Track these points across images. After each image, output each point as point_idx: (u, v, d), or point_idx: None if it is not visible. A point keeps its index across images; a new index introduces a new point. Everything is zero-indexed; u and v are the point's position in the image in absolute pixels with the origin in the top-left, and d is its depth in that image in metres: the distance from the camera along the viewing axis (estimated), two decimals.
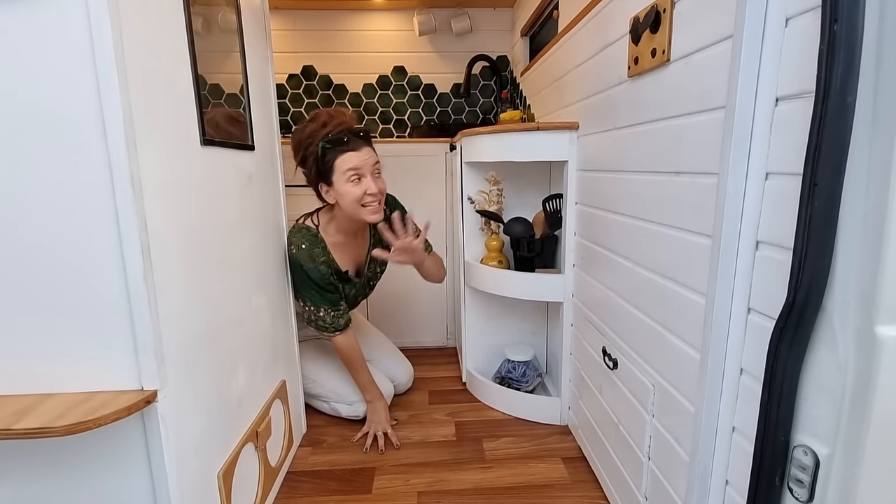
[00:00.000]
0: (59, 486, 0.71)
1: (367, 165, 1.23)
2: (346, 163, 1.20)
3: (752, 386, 0.60)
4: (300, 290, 1.29)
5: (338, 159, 1.21)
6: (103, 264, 0.64)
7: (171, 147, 0.73)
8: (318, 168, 1.23)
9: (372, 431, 1.34)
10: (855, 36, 0.44)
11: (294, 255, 1.25)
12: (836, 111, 0.45)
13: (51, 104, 0.60)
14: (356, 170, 1.21)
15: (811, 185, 0.47)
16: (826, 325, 0.49)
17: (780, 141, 0.54)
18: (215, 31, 0.91)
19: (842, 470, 0.49)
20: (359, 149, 1.22)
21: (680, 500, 0.76)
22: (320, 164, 1.22)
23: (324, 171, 1.23)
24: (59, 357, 0.67)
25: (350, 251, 1.38)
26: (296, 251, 1.25)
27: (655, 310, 0.83)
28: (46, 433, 0.59)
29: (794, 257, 0.49)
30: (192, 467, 0.76)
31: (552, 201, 1.39)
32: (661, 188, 0.80)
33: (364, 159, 1.22)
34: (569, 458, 1.25)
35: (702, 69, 0.68)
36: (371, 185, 1.23)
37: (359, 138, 1.23)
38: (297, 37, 2.18)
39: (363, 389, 1.39)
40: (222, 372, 0.88)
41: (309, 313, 1.31)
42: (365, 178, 1.23)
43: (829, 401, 0.49)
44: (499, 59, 2.24)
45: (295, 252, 1.25)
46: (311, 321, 1.32)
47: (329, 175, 1.23)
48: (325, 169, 1.23)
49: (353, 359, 1.36)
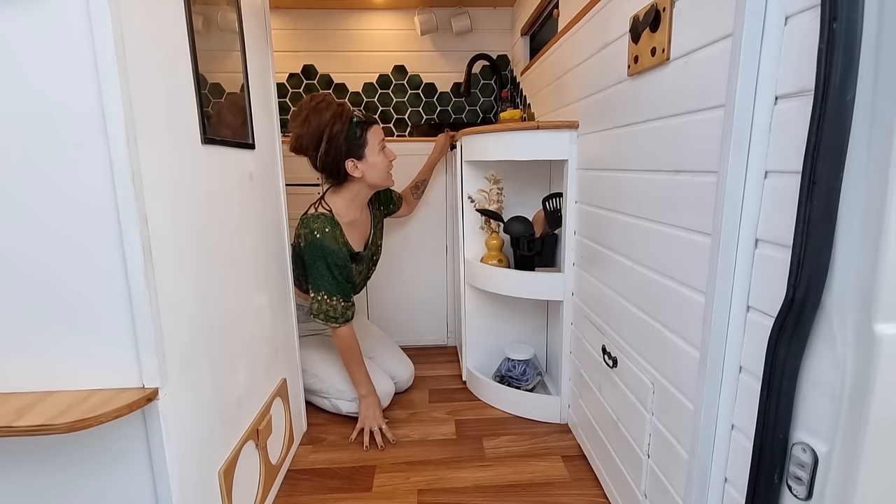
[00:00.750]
0: (61, 483, 0.72)
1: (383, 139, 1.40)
2: (377, 134, 1.36)
3: (751, 384, 0.60)
4: (318, 278, 1.31)
5: (369, 132, 1.35)
6: (104, 262, 0.64)
7: (171, 145, 0.73)
8: (349, 144, 1.32)
9: (367, 427, 1.34)
10: (854, 34, 0.44)
11: (318, 240, 1.30)
12: (835, 109, 0.45)
13: (52, 101, 0.61)
14: (383, 140, 1.39)
15: (810, 184, 0.47)
16: (825, 322, 0.49)
17: (780, 139, 0.54)
18: (216, 30, 0.91)
19: (840, 467, 0.49)
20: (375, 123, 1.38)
21: (679, 497, 0.76)
22: (352, 139, 1.33)
23: (355, 146, 1.33)
24: (61, 355, 0.67)
25: (359, 228, 1.46)
26: (320, 236, 1.30)
27: (655, 308, 0.83)
28: (48, 430, 0.59)
29: (792, 255, 0.50)
30: (192, 465, 0.77)
31: (552, 200, 1.39)
32: (660, 187, 0.81)
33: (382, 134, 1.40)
34: (568, 456, 1.25)
35: (701, 68, 0.68)
36: (392, 153, 1.42)
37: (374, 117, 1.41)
38: (298, 36, 2.18)
39: (359, 384, 1.39)
40: (223, 370, 0.89)
41: (320, 303, 1.32)
42: (387, 147, 1.40)
43: (827, 398, 0.49)
44: (499, 58, 2.24)
45: (319, 237, 1.30)
46: (320, 312, 1.33)
47: (361, 149, 1.34)
48: (356, 144, 1.33)
49: (354, 351, 1.38)
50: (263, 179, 1.13)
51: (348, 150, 1.32)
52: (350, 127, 1.31)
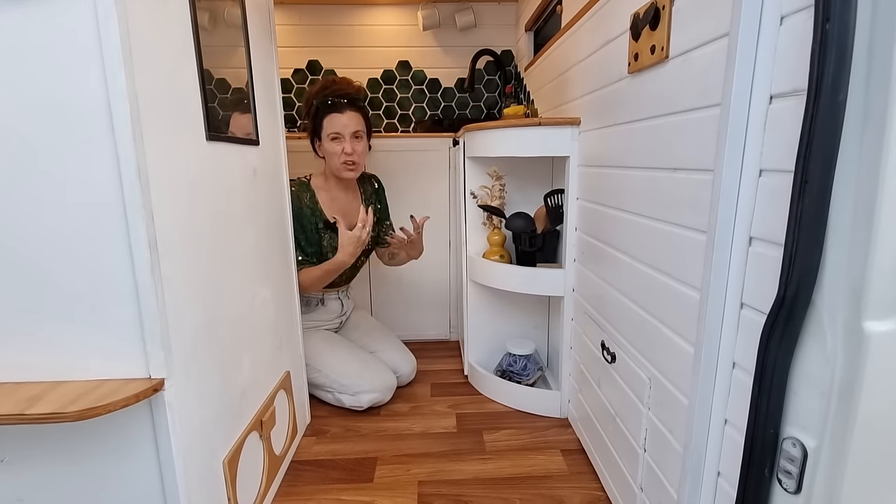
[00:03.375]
0: (70, 470, 0.74)
1: (347, 129, 1.40)
2: (331, 124, 1.41)
3: (744, 379, 0.61)
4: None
5: (325, 119, 1.41)
6: (112, 256, 0.66)
7: (177, 141, 0.75)
8: (313, 124, 1.45)
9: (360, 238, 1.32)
10: (847, 35, 0.44)
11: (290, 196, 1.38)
12: (827, 109, 0.46)
13: (60, 97, 0.62)
14: (337, 132, 1.40)
15: (802, 182, 0.48)
16: (815, 320, 0.50)
17: (774, 138, 0.55)
18: (221, 26, 0.92)
19: (829, 462, 0.50)
20: (343, 111, 1.40)
21: (674, 490, 0.77)
22: (314, 121, 1.44)
23: (315, 127, 1.45)
24: (71, 346, 0.69)
25: (340, 203, 1.54)
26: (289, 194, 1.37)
27: (652, 304, 0.84)
28: (58, 418, 0.61)
29: (784, 253, 0.50)
30: (197, 454, 0.79)
31: (554, 196, 1.39)
32: (659, 184, 0.81)
33: (345, 124, 1.40)
34: (567, 450, 1.26)
35: (699, 66, 0.68)
36: (347, 146, 1.41)
37: (346, 104, 1.41)
38: (302, 31, 2.19)
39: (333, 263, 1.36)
40: (228, 362, 0.91)
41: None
42: (345, 141, 1.41)
43: (817, 394, 0.50)
44: (503, 53, 2.24)
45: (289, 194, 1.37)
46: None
47: (319, 131, 1.44)
48: (316, 126, 1.44)
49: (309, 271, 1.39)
50: (267, 175, 1.14)
51: (313, 130, 1.46)
52: (313, 109, 1.43)
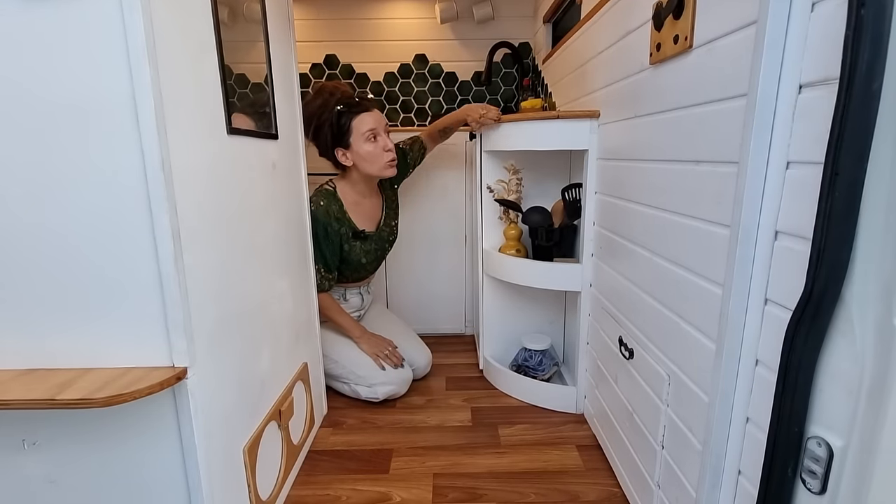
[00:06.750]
0: (98, 453, 0.76)
1: (381, 124, 1.37)
2: (363, 123, 1.34)
3: (767, 377, 0.60)
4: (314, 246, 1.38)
5: (354, 120, 1.35)
6: (137, 247, 0.68)
7: (199, 135, 0.76)
8: (334, 133, 1.36)
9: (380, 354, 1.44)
10: (882, 20, 0.42)
11: (314, 212, 1.37)
12: (860, 98, 0.44)
13: (87, 92, 0.64)
14: (373, 129, 1.35)
15: (832, 175, 0.47)
16: (844, 316, 0.49)
17: (803, 129, 0.53)
18: (241, 22, 0.93)
19: (856, 462, 0.49)
20: (371, 109, 1.36)
21: (692, 488, 0.76)
22: (335, 128, 1.36)
23: (340, 134, 1.36)
24: (99, 335, 0.71)
25: (366, 210, 1.51)
26: (315, 208, 1.38)
27: (672, 300, 0.83)
28: (87, 404, 0.63)
29: (812, 248, 0.49)
30: (219, 441, 0.80)
31: (571, 190, 1.38)
32: (680, 177, 0.80)
33: (377, 119, 1.37)
34: (583, 445, 1.25)
35: (725, 56, 0.66)
36: (388, 141, 1.37)
37: (370, 101, 1.38)
38: (320, 26, 2.20)
39: (349, 330, 1.47)
40: (247, 352, 0.92)
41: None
42: (380, 135, 1.37)
43: (844, 393, 0.49)
44: (521, 46, 2.21)
45: (314, 210, 1.37)
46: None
47: (346, 137, 1.36)
48: (342, 132, 1.36)
49: (330, 307, 1.46)
50: (286, 169, 1.15)
51: (334, 140, 1.37)
52: (333, 116, 1.35)
